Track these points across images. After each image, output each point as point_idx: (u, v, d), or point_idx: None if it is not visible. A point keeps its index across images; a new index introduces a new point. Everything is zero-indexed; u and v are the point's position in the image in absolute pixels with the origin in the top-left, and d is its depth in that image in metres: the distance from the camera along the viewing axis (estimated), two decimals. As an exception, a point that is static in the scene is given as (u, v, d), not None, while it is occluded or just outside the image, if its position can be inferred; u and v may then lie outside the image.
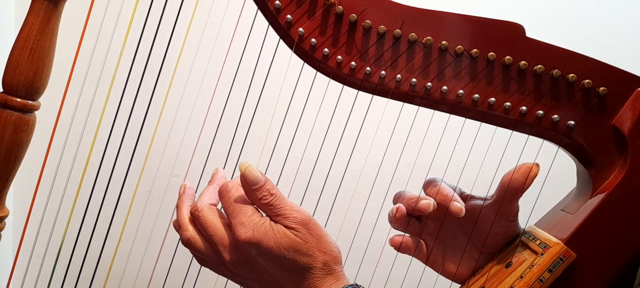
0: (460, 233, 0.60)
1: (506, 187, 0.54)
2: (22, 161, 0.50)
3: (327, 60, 0.51)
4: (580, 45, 0.89)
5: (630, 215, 0.50)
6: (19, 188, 0.93)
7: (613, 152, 0.52)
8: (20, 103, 0.47)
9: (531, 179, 0.54)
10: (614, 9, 0.97)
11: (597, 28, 0.97)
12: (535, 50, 0.51)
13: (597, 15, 0.96)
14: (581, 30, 0.97)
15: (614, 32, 0.96)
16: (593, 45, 0.97)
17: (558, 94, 0.51)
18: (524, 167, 0.54)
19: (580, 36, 0.97)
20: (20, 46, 0.47)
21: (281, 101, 0.61)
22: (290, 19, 0.50)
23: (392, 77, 0.51)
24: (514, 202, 0.55)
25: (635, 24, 0.97)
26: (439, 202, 0.57)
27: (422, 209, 0.57)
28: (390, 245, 0.61)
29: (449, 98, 0.51)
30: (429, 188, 0.59)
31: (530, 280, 0.49)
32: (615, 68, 0.51)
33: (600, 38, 0.97)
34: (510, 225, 0.56)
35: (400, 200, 0.59)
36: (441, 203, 0.57)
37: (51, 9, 0.48)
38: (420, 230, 0.60)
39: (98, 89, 0.57)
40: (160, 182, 0.79)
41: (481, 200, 0.58)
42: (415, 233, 0.61)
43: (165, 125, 0.58)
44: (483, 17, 0.51)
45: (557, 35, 0.96)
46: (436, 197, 0.57)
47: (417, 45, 0.51)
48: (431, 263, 0.61)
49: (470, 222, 0.57)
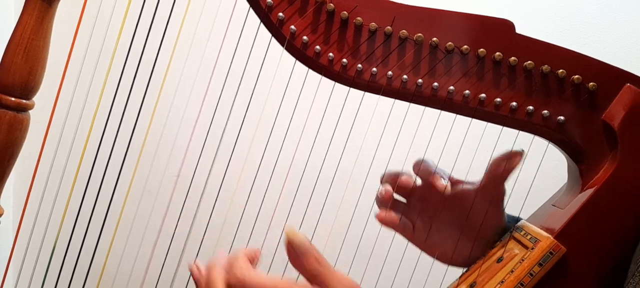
0: (447, 216, 0.61)
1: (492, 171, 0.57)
2: (16, 160, 0.50)
3: (319, 58, 0.51)
4: (580, 46, 0.90)
5: (620, 209, 0.51)
6: (19, 186, 0.93)
7: (603, 147, 0.52)
8: (15, 102, 0.48)
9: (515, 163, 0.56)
10: (614, 9, 0.97)
11: (597, 28, 0.97)
12: (525, 46, 0.51)
13: (598, 16, 0.97)
14: (581, 30, 0.97)
15: (615, 32, 0.97)
16: (593, 46, 0.97)
17: (548, 89, 0.52)
18: (509, 151, 0.56)
19: (580, 36, 0.97)
20: (15, 45, 0.48)
21: (273, 98, 0.62)
22: (282, 16, 0.51)
23: (384, 74, 0.52)
24: (500, 185, 0.57)
25: (635, 24, 0.97)
26: (422, 178, 0.59)
27: (403, 184, 0.60)
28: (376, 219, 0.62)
29: (440, 94, 0.52)
30: (415, 169, 0.61)
31: (520, 275, 0.50)
32: (604, 63, 0.51)
33: (600, 39, 0.97)
34: (496, 209, 0.58)
35: (385, 179, 0.62)
36: (426, 181, 0.59)
37: (45, 9, 0.48)
38: (407, 209, 0.63)
39: (92, 87, 0.57)
40: (154, 179, 0.79)
41: (470, 185, 0.60)
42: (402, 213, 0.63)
43: (158, 123, 0.58)
44: (473, 13, 0.51)
45: (557, 36, 0.97)
46: (419, 174, 0.60)
47: (408, 42, 0.51)
48: (416, 241, 0.62)
49: (457, 205, 0.59)
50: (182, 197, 0.63)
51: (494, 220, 0.59)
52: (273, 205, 0.64)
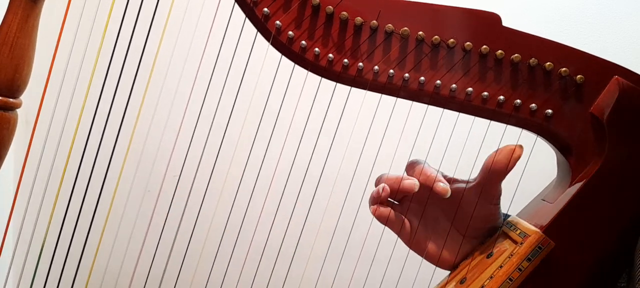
0: (442, 217, 0.59)
1: (489, 169, 0.54)
2: (4, 159, 0.50)
3: (305, 53, 0.51)
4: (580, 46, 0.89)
5: (609, 202, 0.50)
6: (6, 187, 0.93)
7: (592, 140, 0.51)
8: (1, 101, 0.48)
9: (514, 161, 0.53)
10: (614, 9, 0.97)
11: (597, 28, 0.97)
12: (512, 40, 0.51)
13: (598, 16, 0.96)
14: (581, 30, 0.97)
15: (614, 32, 0.97)
16: (593, 46, 0.97)
17: (535, 82, 0.51)
18: (507, 149, 0.53)
19: (580, 36, 0.97)
20: (0, 44, 0.48)
21: (259, 95, 0.61)
22: (267, 11, 0.50)
23: (370, 68, 0.51)
24: (497, 184, 0.55)
25: (635, 24, 0.97)
26: (422, 183, 0.56)
27: (406, 189, 0.56)
28: (374, 215, 0.58)
29: (427, 89, 0.52)
30: (410, 170, 0.58)
31: (509, 270, 0.49)
32: (592, 56, 0.51)
33: (600, 39, 0.97)
34: (493, 208, 0.56)
35: (382, 181, 0.58)
36: (424, 184, 0.56)
37: (30, 7, 0.48)
38: (403, 211, 0.59)
39: (77, 85, 0.57)
40: (154, 179, 0.79)
41: (463, 183, 0.57)
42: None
43: (144, 122, 0.58)
44: (459, 7, 0.51)
45: (557, 36, 0.96)
46: (419, 178, 0.56)
47: (394, 37, 0.51)
48: (415, 245, 0.59)
49: (452, 205, 0.57)
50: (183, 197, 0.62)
51: (490, 221, 0.57)
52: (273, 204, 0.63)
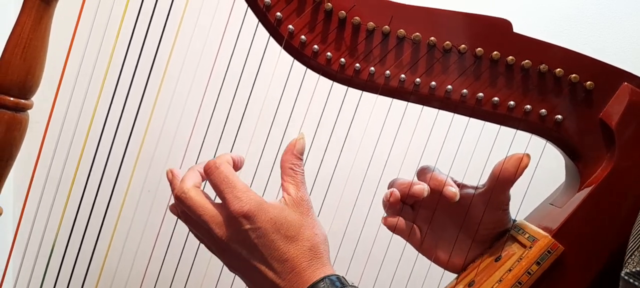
0: (451, 223, 0.60)
1: (497, 177, 0.55)
2: (15, 160, 0.50)
3: (317, 57, 0.52)
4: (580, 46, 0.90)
5: (617, 208, 0.51)
6: (18, 187, 0.93)
7: (600, 145, 0.52)
8: (13, 102, 0.48)
9: (522, 169, 0.54)
10: (614, 9, 0.97)
11: (597, 28, 0.97)
12: (522, 46, 0.51)
13: (598, 16, 0.97)
14: (581, 30, 0.97)
15: (615, 32, 0.97)
16: (593, 46, 0.97)
17: (545, 88, 0.52)
18: (515, 157, 0.54)
19: (580, 36, 0.97)
20: (13, 45, 0.48)
21: (272, 98, 0.62)
22: (280, 16, 0.51)
23: (382, 73, 0.52)
24: (505, 191, 0.56)
25: (635, 24, 0.97)
26: (433, 188, 0.57)
27: (416, 194, 0.57)
28: (384, 225, 0.60)
29: (438, 94, 0.52)
30: (422, 176, 0.59)
31: (518, 273, 0.50)
32: (601, 62, 0.51)
33: (600, 39, 0.97)
34: (501, 215, 0.57)
35: (394, 186, 0.59)
36: (434, 190, 0.57)
37: (43, 8, 0.48)
38: (413, 216, 0.61)
39: (90, 87, 0.57)
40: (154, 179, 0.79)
41: (472, 189, 0.58)
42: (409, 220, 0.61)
43: (156, 123, 0.58)
44: (471, 13, 0.51)
45: (557, 36, 0.97)
46: (429, 183, 0.57)
47: (406, 42, 0.52)
48: (424, 250, 0.61)
49: (461, 211, 0.58)
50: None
51: (499, 226, 0.58)
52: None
